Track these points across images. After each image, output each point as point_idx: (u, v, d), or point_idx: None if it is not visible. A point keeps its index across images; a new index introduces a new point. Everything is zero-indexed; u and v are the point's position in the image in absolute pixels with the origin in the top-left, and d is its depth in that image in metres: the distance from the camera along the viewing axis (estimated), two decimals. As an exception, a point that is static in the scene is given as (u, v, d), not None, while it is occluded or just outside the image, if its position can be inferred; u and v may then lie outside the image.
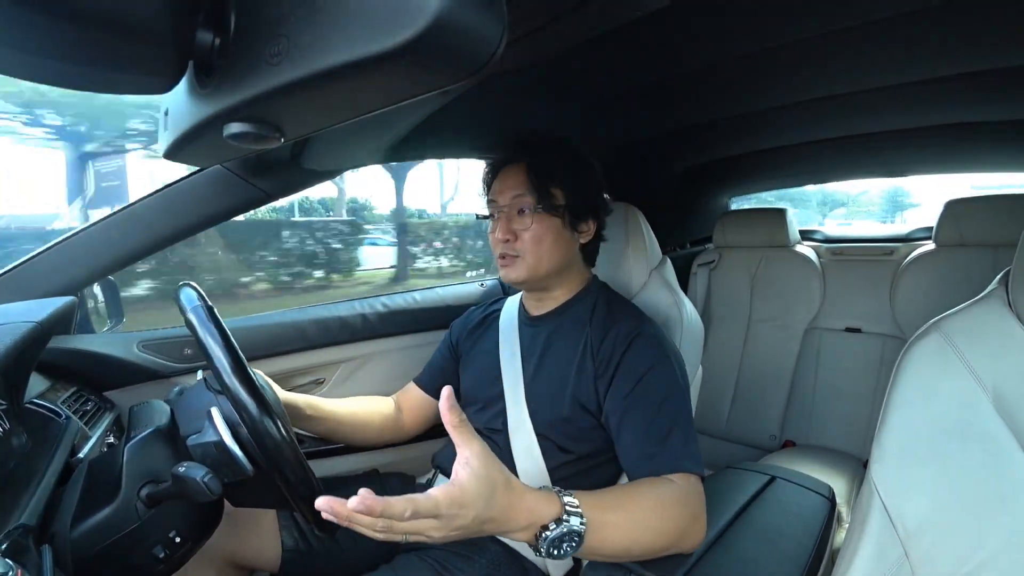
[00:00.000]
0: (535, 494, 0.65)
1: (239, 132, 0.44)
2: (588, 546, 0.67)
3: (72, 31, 0.35)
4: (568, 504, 0.66)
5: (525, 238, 0.97)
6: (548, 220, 0.97)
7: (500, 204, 1.00)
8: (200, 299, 0.72)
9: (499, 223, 0.99)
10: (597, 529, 0.67)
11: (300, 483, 0.70)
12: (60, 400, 0.95)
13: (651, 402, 0.86)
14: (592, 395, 0.93)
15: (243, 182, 1.08)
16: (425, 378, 1.22)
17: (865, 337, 1.97)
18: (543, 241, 0.97)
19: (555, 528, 0.63)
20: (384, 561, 0.97)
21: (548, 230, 0.97)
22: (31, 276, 1.05)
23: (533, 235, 0.97)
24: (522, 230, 0.97)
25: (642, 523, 0.72)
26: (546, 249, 0.97)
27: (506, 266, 0.99)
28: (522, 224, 0.97)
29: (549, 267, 0.99)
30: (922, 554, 0.59)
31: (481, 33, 0.33)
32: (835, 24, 0.83)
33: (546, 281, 1.02)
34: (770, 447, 2.02)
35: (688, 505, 0.77)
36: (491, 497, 0.59)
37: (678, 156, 1.90)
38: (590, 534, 0.66)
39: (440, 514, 0.56)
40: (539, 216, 0.97)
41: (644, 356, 0.90)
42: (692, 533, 0.77)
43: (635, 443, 0.84)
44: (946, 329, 0.64)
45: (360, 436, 1.14)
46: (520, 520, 0.62)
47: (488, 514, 0.59)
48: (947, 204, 1.79)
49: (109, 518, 0.66)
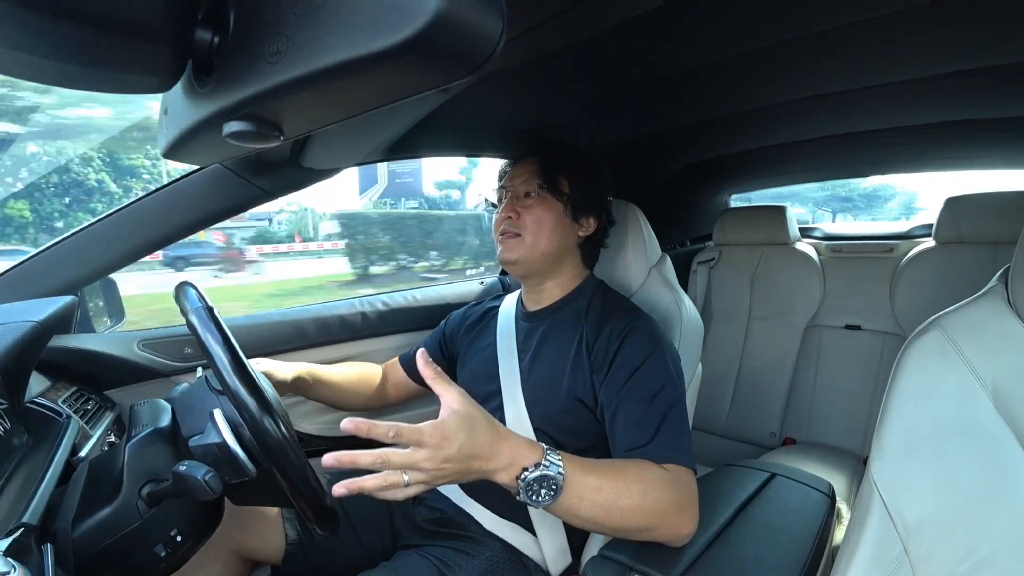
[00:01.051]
0: (519, 437, 0.70)
1: (238, 131, 0.44)
2: (566, 501, 0.70)
3: (71, 31, 0.35)
4: (549, 452, 0.70)
5: (527, 218, 1.02)
6: (551, 203, 1.03)
7: (508, 188, 1.07)
8: (200, 299, 0.73)
9: (505, 203, 1.06)
10: (575, 485, 0.70)
11: (301, 482, 0.71)
12: (61, 399, 0.95)
13: (644, 395, 0.87)
14: (588, 389, 0.93)
15: (242, 180, 1.08)
16: (407, 358, 1.26)
17: (865, 334, 1.97)
18: (544, 222, 1.02)
19: (534, 470, 0.67)
20: (385, 557, 0.97)
21: (550, 212, 1.02)
22: (31, 275, 1.05)
23: (535, 215, 1.02)
24: (525, 210, 1.03)
25: (623, 493, 0.73)
26: (546, 231, 1.02)
27: (504, 242, 1.04)
28: (526, 204, 1.03)
29: (546, 249, 1.02)
30: (922, 551, 0.59)
31: (481, 30, 0.33)
32: (834, 21, 0.83)
33: (541, 266, 1.04)
34: (770, 444, 2.02)
35: (673, 490, 0.77)
36: (473, 431, 0.65)
37: (678, 153, 1.89)
38: (568, 488, 0.69)
39: (423, 442, 0.61)
40: (543, 197, 1.03)
41: (638, 349, 0.91)
42: (677, 522, 0.76)
43: (626, 434, 0.85)
44: (946, 326, 0.64)
45: (348, 401, 1.22)
46: (503, 457, 0.67)
47: (473, 448, 0.64)
48: (947, 201, 1.78)
49: (110, 517, 0.67)
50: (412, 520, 1.05)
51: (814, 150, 1.76)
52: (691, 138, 1.66)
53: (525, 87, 1.07)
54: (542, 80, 1.05)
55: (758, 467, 1.06)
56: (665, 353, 0.92)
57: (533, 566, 0.96)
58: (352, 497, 0.59)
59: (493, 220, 1.10)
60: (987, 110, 1.32)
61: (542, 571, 0.96)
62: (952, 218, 1.77)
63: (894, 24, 0.83)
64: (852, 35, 0.87)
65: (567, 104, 1.21)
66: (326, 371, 1.16)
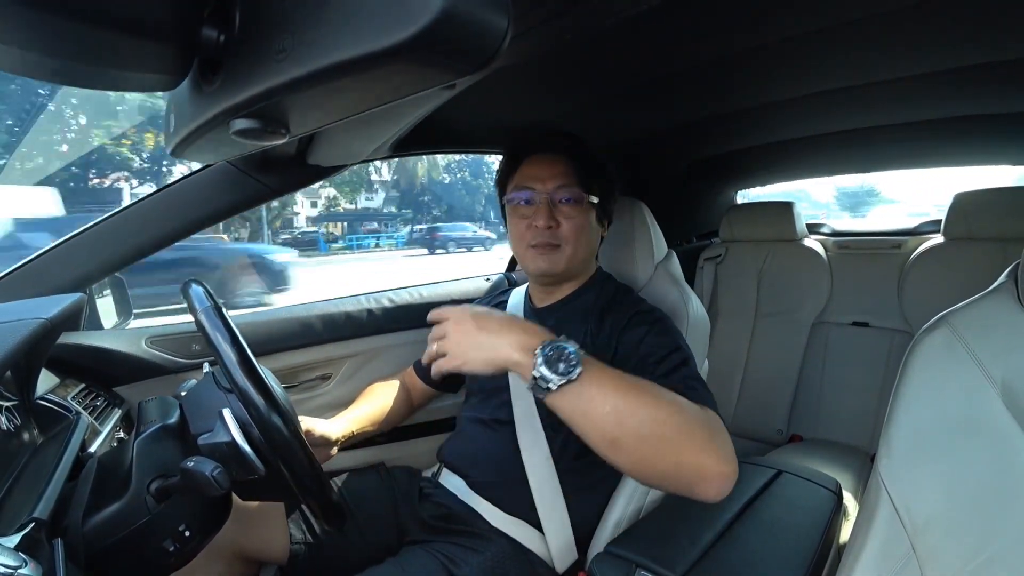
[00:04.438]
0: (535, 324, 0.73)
1: (245, 128, 0.44)
2: (585, 390, 0.65)
3: (78, 29, 0.35)
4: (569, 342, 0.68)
5: (566, 227, 0.98)
6: (588, 212, 1.00)
7: (540, 191, 0.98)
8: (209, 297, 0.73)
9: (540, 210, 0.97)
10: (595, 370, 0.67)
11: (309, 479, 0.71)
12: (70, 396, 0.96)
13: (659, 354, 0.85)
14: None
15: (249, 178, 1.09)
16: (421, 366, 1.23)
17: (873, 331, 1.96)
18: (583, 231, 0.99)
19: (550, 344, 0.67)
20: (391, 554, 0.97)
21: (587, 221, 1.00)
22: (40, 273, 1.06)
23: (577, 225, 0.98)
24: (565, 219, 0.98)
25: (649, 405, 0.66)
26: (584, 240, 1.00)
27: (543, 255, 0.99)
28: (565, 213, 0.98)
29: (584, 257, 1.02)
30: (929, 549, 0.59)
31: (486, 28, 0.33)
32: (839, 17, 0.82)
33: (573, 273, 1.03)
34: (777, 441, 2.01)
35: (707, 421, 0.69)
36: (489, 313, 0.74)
37: (683, 150, 1.88)
38: (588, 377, 0.65)
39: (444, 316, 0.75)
40: (580, 208, 0.98)
41: (641, 324, 0.91)
42: (712, 455, 0.66)
43: None
44: (954, 323, 0.63)
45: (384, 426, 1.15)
46: (515, 331, 0.70)
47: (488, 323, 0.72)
48: (956, 197, 1.77)
49: (120, 512, 0.67)
50: (418, 516, 1.05)
51: (820, 146, 1.75)
52: (697, 135, 1.66)
53: (531, 84, 1.07)
54: (548, 77, 1.04)
55: (765, 464, 1.06)
56: (671, 324, 0.93)
57: (539, 562, 0.96)
58: (358, 495, 0.59)
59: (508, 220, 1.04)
60: (993, 105, 1.30)
61: (548, 567, 0.96)
62: (961, 214, 1.75)
63: (899, 19, 0.82)
64: (857, 31, 0.87)
65: (573, 101, 1.21)
66: (363, 413, 1.10)
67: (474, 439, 1.06)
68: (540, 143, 1.02)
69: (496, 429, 1.03)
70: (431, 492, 1.06)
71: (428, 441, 1.46)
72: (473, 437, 1.06)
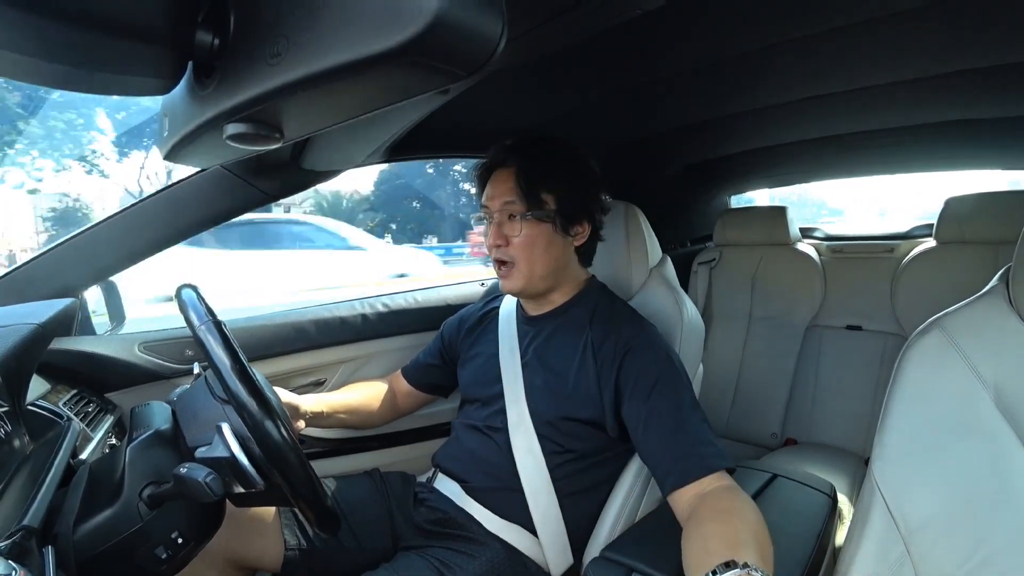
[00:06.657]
0: None
1: (239, 133, 0.44)
2: None
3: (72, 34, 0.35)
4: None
5: (515, 243, 0.98)
6: (538, 226, 0.97)
7: (491, 210, 1.00)
8: (201, 302, 0.73)
9: (491, 228, 1.00)
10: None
11: (302, 485, 0.70)
12: (62, 402, 0.95)
13: (669, 412, 0.88)
14: (594, 394, 0.93)
15: (243, 183, 1.09)
16: (410, 371, 1.25)
17: (866, 335, 1.97)
18: (534, 246, 0.97)
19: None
20: (386, 559, 0.97)
21: (539, 235, 0.97)
22: (32, 278, 1.05)
23: (524, 241, 0.97)
24: (513, 236, 0.98)
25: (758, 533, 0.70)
26: (538, 254, 0.98)
27: (503, 277, 1.01)
28: (513, 230, 0.98)
29: (543, 272, 0.99)
30: (924, 551, 0.59)
31: (481, 32, 0.33)
32: (833, 23, 0.83)
33: (542, 286, 1.02)
34: (771, 445, 2.01)
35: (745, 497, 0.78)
36: None
37: (678, 154, 1.89)
38: None
39: None
40: (528, 223, 0.97)
41: (651, 364, 0.92)
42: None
43: (664, 454, 0.86)
44: (947, 326, 0.64)
45: (363, 421, 1.20)
46: None
47: None
48: (947, 201, 1.78)
49: (111, 519, 0.67)
50: (413, 522, 1.04)
51: (814, 151, 1.76)
52: (691, 139, 1.66)
53: (526, 88, 1.07)
54: (543, 81, 1.04)
55: (759, 468, 1.06)
56: (675, 362, 0.94)
57: (534, 567, 0.96)
58: (352, 501, 0.58)
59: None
60: (988, 110, 1.32)
61: (543, 572, 0.96)
62: (953, 218, 1.77)
63: (890, 26, 0.83)
64: (850, 37, 0.87)
65: (568, 105, 1.21)
66: (339, 398, 1.15)
67: (469, 445, 1.05)
68: (498, 157, 1.02)
69: (491, 435, 1.02)
70: (426, 497, 1.05)
71: (422, 447, 1.45)
72: (468, 443, 1.06)
